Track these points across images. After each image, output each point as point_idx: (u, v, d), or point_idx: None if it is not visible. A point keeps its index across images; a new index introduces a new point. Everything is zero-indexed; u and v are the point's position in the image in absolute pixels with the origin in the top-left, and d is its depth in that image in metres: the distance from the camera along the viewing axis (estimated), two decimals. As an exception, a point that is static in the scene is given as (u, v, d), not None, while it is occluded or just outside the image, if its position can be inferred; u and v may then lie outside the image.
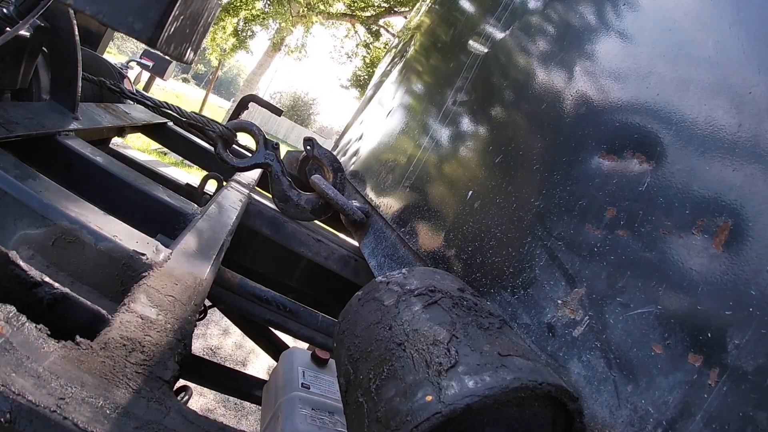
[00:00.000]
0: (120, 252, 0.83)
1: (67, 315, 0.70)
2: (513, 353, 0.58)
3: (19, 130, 1.15)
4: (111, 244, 0.84)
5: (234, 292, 1.31)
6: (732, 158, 0.63)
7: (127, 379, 0.62)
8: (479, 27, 1.56)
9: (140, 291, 0.79)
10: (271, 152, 1.60)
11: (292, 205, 1.63)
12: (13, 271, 0.67)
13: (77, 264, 0.81)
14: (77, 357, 0.61)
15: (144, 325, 0.73)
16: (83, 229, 0.84)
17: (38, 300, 0.69)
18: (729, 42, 0.71)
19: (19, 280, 0.68)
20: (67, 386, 0.55)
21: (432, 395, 0.52)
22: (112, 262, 0.83)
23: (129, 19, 0.35)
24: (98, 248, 0.82)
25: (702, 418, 0.54)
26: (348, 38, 18.27)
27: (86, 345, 0.63)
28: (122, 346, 0.66)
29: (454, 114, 1.44)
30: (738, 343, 0.54)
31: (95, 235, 0.84)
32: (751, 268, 0.56)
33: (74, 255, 0.81)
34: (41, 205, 0.84)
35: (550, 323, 0.76)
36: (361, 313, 0.73)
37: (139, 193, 1.29)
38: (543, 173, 0.94)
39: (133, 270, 0.84)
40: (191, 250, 1.03)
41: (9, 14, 1.11)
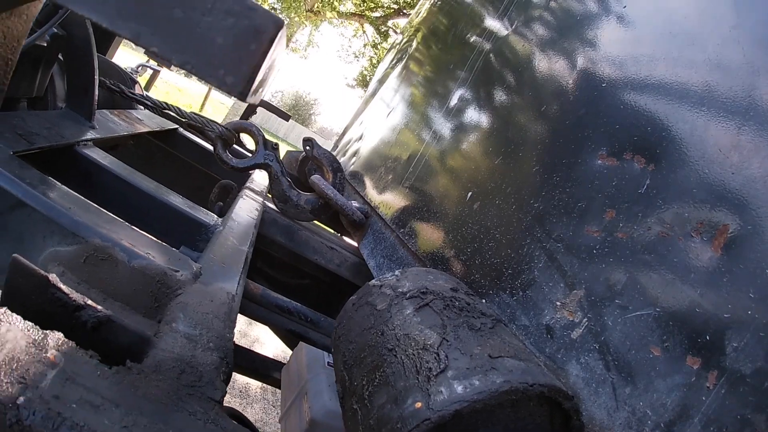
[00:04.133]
0: (154, 269, 0.83)
1: (110, 337, 0.69)
2: (504, 354, 0.58)
3: (39, 142, 1.14)
4: (145, 262, 0.84)
5: (257, 303, 1.31)
6: (731, 161, 0.63)
7: (182, 402, 0.62)
8: (479, 29, 1.55)
9: (179, 309, 0.79)
10: (271, 153, 1.60)
11: (292, 205, 1.63)
12: (55, 295, 0.66)
13: (109, 281, 0.80)
14: (132, 382, 0.60)
15: (188, 344, 0.73)
16: (117, 246, 0.84)
17: (82, 323, 0.68)
18: (729, 45, 0.71)
19: (61, 304, 0.67)
20: (128, 415, 0.55)
21: (421, 402, 0.52)
22: (146, 279, 0.83)
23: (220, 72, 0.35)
24: (132, 266, 0.82)
25: (700, 421, 0.54)
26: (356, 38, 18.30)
27: (138, 369, 0.63)
28: (172, 368, 0.66)
29: (454, 115, 1.44)
30: (736, 346, 0.54)
31: (129, 252, 0.84)
32: (750, 270, 0.56)
33: (106, 272, 0.81)
34: (72, 222, 0.83)
35: (549, 325, 0.76)
36: (355, 318, 0.73)
37: (161, 204, 1.28)
38: (542, 175, 0.94)
39: (167, 287, 0.84)
40: (219, 265, 1.03)
41: None
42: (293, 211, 1.64)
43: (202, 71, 0.36)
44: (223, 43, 0.34)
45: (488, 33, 1.46)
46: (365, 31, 17.74)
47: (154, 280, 0.83)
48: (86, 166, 1.28)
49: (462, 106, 1.42)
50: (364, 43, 18.07)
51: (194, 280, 0.88)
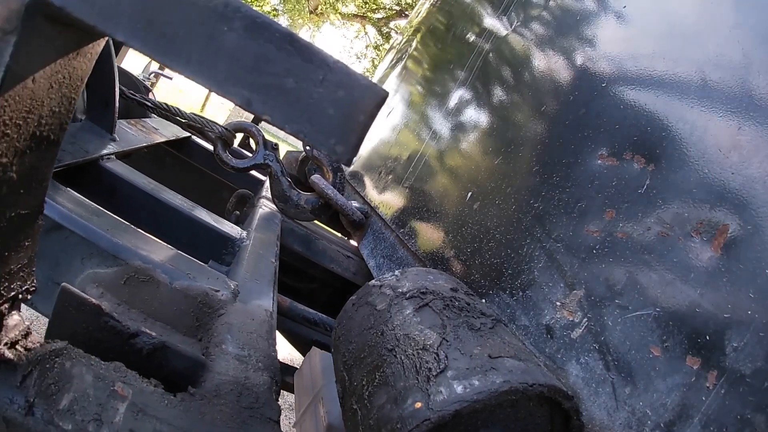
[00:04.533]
0: (196, 290, 0.84)
1: (164, 362, 0.70)
2: (504, 354, 0.58)
3: (65, 157, 1.14)
4: (187, 282, 0.85)
5: (285, 315, 1.32)
6: (731, 161, 0.63)
7: (246, 425, 0.63)
8: (479, 29, 1.55)
9: (225, 330, 0.80)
10: (271, 153, 1.60)
11: (292, 205, 1.63)
12: (108, 323, 0.67)
13: (150, 302, 0.80)
14: (197, 408, 0.61)
15: (240, 366, 0.74)
16: (158, 268, 0.84)
17: (137, 350, 0.69)
18: (729, 44, 0.71)
19: (115, 332, 0.67)
20: None
21: (421, 402, 0.52)
22: (188, 299, 0.83)
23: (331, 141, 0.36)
24: (173, 287, 0.83)
25: (700, 421, 0.54)
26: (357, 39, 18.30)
27: (200, 395, 0.64)
28: (230, 391, 0.67)
29: (454, 115, 1.44)
30: (736, 346, 0.54)
31: (170, 273, 0.85)
32: (750, 270, 0.56)
33: (147, 293, 0.81)
34: (111, 245, 0.84)
35: (549, 325, 0.76)
36: (355, 318, 0.73)
37: (187, 218, 1.29)
38: (542, 175, 0.94)
39: (209, 307, 0.85)
40: (252, 281, 1.04)
41: None
42: (293, 211, 1.64)
43: (315, 140, 0.37)
44: (334, 114, 0.36)
45: (488, 33, 1.46)
46: (367, 33, 17.74)
47: (196, 301, 0.84)
48: (111, 180, 1.28)
49: (462, 106, 1.42)
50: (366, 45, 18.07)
51: (234, 299, 0.89)
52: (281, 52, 0.35)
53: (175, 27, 0.35)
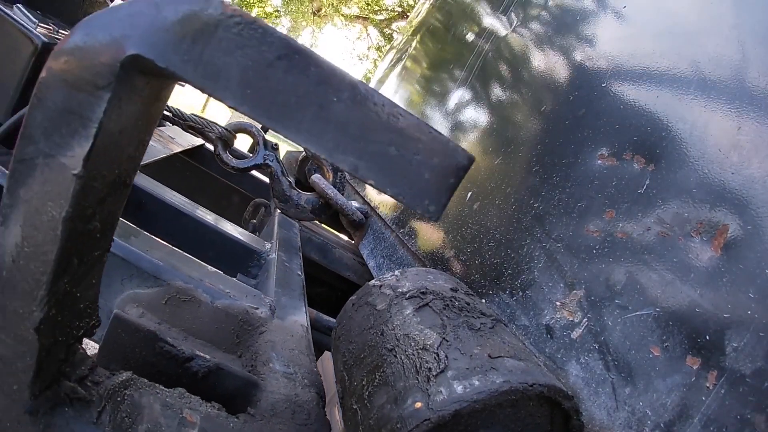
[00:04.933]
0: (236, 308, 0.85)
1: (218, 383, 0.71)
2: (504, 354, 0.58)
3: None
4: (227, 301, 0.86)
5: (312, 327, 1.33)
6: (731, 161, 0.63)
7: None
8: (479, 29, 1.55)
9: (269, 348, 0.81)
10: (271, 153, 1.60)
11: (292, 205, 1.63)
12: (163, 348, 0.68)
13: (191, 320, 0.81)
14: (259, 428, 0.62)
15: (289, 383, 0.75)
16: (199, 287, 0.85)
17: (192, 373, 0.70)
18: (729, 44, 0.70)
19: (170, 356, 0.69)
20: None
21: (421, 402, 0.52)
22: (229, 318, 0.84)
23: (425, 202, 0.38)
24: (215, 305, 0.84)
25: (700, 421, 0.54)
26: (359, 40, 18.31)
27: (259, 415, 0.65)
28: (285, 410, 0.68)
29: (454, 114, 1.44)
30: (736, 346, 0.54)
31: (211, 293, 0.86)
32: (750, 270, 0.56)
33: (188, 312, 0.82)
34: (152, 266, 0.84)
35: (549, 325, 0.76)
36: (355, 318, 0.73)
37: (213, 232, 1.29)
38: (542, 175, 0.94)
39: (249, 324, 0.86)
40: (284, 296, 1.05)
41: None
42: (294, 211, 1.64)
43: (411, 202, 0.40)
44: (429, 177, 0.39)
45: (488, 33, 1.46)
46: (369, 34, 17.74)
47: (237, 319, 0.85)
48: (138, 195, 1.28)
49: (461, 106, 1.42)
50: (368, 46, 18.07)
51: (272, 315, 0.90)
52: (385, 122, 0.37)
53: (286, 95, 0.36)
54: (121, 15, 0.37)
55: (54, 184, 0.40)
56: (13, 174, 0.40)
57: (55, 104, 0.38)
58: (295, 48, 0.36)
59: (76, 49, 0.37)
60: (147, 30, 0.36)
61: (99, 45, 0.37)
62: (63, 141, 0.39)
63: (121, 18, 0.37)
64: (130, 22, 0.37)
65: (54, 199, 0.40)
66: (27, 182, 0.40)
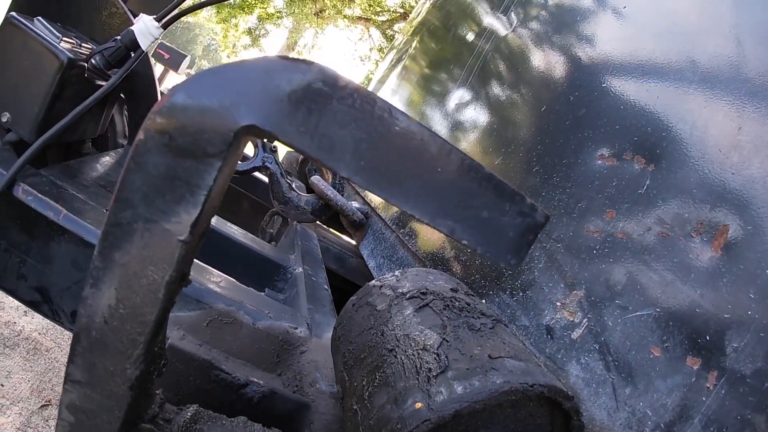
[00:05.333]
0: (277, 329, 0.86)
1: (273, 407, 0.73)
2: (504, 355, 0.58)
3: None
4: (268, 322, 0.86)
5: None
6: (731, 161, 0.63)
7: None
8: (479, 29, 1.55)
9: (313, 368, 0.82)
10: (270, 155, 1.61)
11: (292, 206, 1.63)
12: (219, 376, 0.69)
13: (232, 342, 0.82)
14: None
15: (336, 404, 0.76)
16: (241, 310, 0.86)
17: (247, 399, 0.71)
18: (730, 44, 0.70)
19: (225, 384, 0.69)
20: None
21: (421, 402, 0.52)
22: (270, 338, 0.85)
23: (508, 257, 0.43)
24: (256, 327, 0.84)
25: (700, 421, 0.54)
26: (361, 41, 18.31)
27: None
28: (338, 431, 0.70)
29: (454, 115, 1.44)
30: (736, 346, 0.54)
31: (252, 314, 0.86)
32: (750, 270, 0.56)
33: (230, 334, 0.83)
34: (194, 290, 0.84)
35: (549, 325, 0.76)
36: (355, 318, 0.73)
37: (241, 247, 1.30)
38: (542, 175, 0.94)
39: (289, 344, 0.86)
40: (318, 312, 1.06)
41: (97, 65, 1.09)
42: (294, 213, 1.64)
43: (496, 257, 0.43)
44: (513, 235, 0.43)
45: (488, 33, 1.46)
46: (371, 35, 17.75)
47: (278, 339, 0.85)
48: None
49: (462, 106, 1.42)
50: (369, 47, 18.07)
51: (311, 334, 0.91)
52: (481, 189, 0.41)
53: (396, 166, 0.38)
54: (227, 80, 0.35)
55: (156, 249, 0.38)
56: (107, 237, 0.38)
57: (158, 170, 0.36)
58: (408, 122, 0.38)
59: (180, 113, 0.35)
60: (260, 99, 0.35)
61: (207, 111, 0.35)
62: (167, 207, 0.37)
63: (228, 83, 0.35)
64: (240, 89, 0.35)
65: (156, 264, 0.39)
66: (123, 246, 0.38)
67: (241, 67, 0.35)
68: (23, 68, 1.03)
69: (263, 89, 0.35)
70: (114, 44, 1.08)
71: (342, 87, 0.35)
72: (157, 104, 0.35)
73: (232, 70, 0.35)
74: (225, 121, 0.35)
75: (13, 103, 1.04)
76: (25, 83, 1.04)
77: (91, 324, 0.41)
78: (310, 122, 0.36)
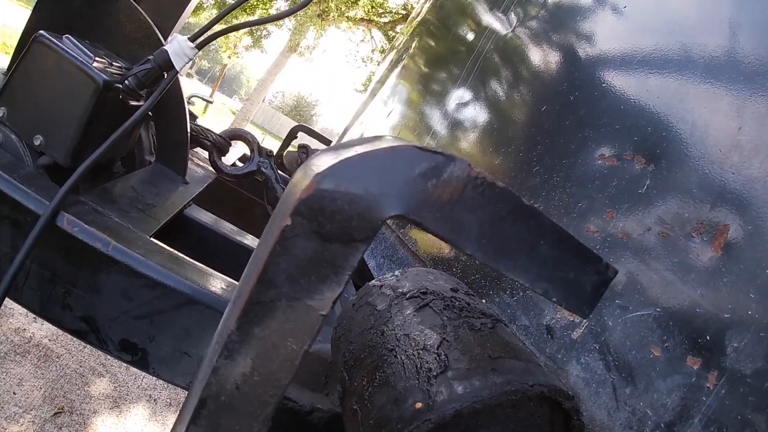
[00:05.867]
0: (326, 351, 0.86)
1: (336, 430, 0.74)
2: (505, 355, 0.58)
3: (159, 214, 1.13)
4: (318, 345, 0.87)
5: None
6: (732, 161, 0.63)
7: None
8: (479, 29, 1.55)
9: None
10: (266, 160, 1.61)
11: None
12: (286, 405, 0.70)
13: None
14: None
15: None
16: None
17: (313, 425, 0.72)
18: (730, 44, 0.70)
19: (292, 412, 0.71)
20: None
21: (422, 402, 0.52)
22: (320, 360, 0.86)
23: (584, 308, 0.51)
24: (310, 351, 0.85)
25: (700, 421, 0.54)
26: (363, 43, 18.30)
27: None
28: None
29: (454, 114, 1.44)
30: (737, 346, 0.54)
31: None
32: (750, 270, 0.56)
33: None
34: None
35: (549, 325, 0.76)
36: (356, 318, 0.73)
37: None
38: (542, 175, 0.94)
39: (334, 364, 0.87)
40: None
41: (130, 85, 1.07)
42: None
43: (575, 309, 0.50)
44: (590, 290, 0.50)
45: (488, 32, 1.46)
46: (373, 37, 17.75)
47: (326, 361, 0.86)
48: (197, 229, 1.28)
49: (461, 106, 1.42)
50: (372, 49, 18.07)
51: None
52: (570, 255, 0.48)
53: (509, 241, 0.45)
54: (371, 169, 0.38)
55: (297, 323, 0.40)
56: (247, 315, 0.39)
57: (305, 253, 0.38)
58: (521, 204, 0.44)
59: (329, 201, 0.37)
60: (405, 190, 0.38)
61: (355, 199, 0.37)
62: (311, 287, 0.39)
63: (373, 173, 0.38)
64: (385, 178, 0.38)
65: (296, 335, 0.41)
66: (264, 322, 0.40)
67: (383, 156, 0.38)
68: (56, 90, 1.00)
69: (406, 180, 0.39)
70: (148, 65, 1.06)
71: (473, 176, 0.40)
72: (304, 190, 0.36)
73: (374, 159, 0.38)
74: (373, 209, 0.38)
75: (45, 125, 1.01)
76: (59, 106, 1.01)
77: (221, 391, 0.42)
78: (445, 209, 0.40)
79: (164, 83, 1.06)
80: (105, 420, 2.79)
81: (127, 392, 3.08)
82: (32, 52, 0.99)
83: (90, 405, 2.81)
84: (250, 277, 0.40)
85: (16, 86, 1.01)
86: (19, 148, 1.02)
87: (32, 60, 1.00)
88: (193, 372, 0.82)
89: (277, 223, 0.38)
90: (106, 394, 2.97)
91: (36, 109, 1.01)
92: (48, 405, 2.67)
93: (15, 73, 1.01)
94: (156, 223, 1.07)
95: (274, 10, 15.98)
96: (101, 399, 2.91)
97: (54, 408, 2.68)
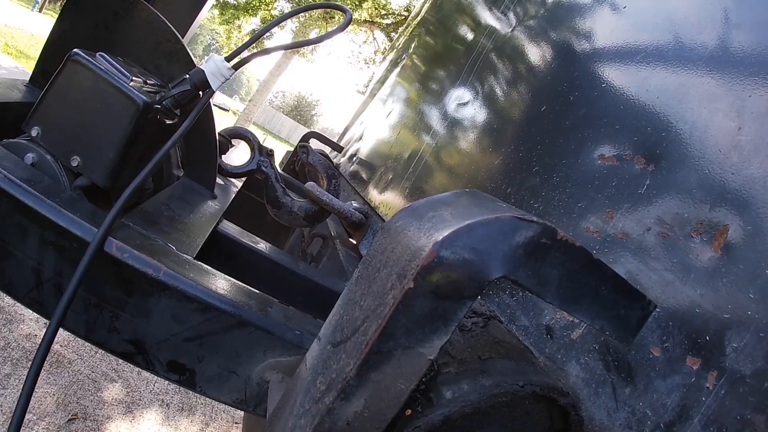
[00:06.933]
0: None
1: None
2: (495, 355, 0.58)
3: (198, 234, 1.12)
4: None
5: None
6: (731, 161, 0.63)
7: None
8: (479, 28, 1.55)
9: None
10: (265, 159, 1.60)
11: (286, 211, 1.62)
12: None
13: None
14: None
15: None
16: None
17: None
18: (731, 44, 0.70)
19: None
20: None
21: (410, 408, 0.52)
22: None
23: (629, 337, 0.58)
24: None
25: (700, 421, 0.54)
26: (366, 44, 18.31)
27: None
28: None
29: (454, 114, 1.44)
30: (736, 346, 0.54)
31: None
32: (750, 271, 0.56)
33: None
34: (295, 336, 0.84)
35: (549, 325, 0.76)
36: None
37: (302, 278, 1.28)
38: (542, 175, 0.94)
39: None
40: None
41: (167, 105, 1.06)
42: (287, 218, 1.63)
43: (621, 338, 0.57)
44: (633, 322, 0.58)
45: (488, 32, 1.46)
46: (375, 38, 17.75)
47: None
48: (230, 246, 1.27)
49: (461, 106, 1.42)
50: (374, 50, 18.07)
51: None
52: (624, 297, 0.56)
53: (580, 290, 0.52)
54: (480, 238, 0.45)
55: (408, 368, 0.47)
56: (367, 362, 0.45)
57: (423, 311, 0.45)
58: (590, 258, 0.51)
59: (446, 267, 0.43)
60: (507, 254, 0.45)
61: (467, 264, 0.44)
62: (424, 337, 0.46)
63: (480, 241, 0.44)
64: (492, 246, 0.45)
65: (405, 377, 0.47)
66: (380, 368, 0.46)
67: (489, 226, 0.45)
68: (93, 110, 0.98)
69: (508, 245, 0.46)
70: (186, 85, 1.06)
71: (559, 240, 0.48)
72: (426, 257, 0.43)
73: (482, 228, 0.45)
74: (481, 272, 0.45)
75: (83, 146, 0.99)
76: (97, 126, 0.99)
77: (333, 428, 0.47)
78: (535, 267, 0.48)
79: (201, 103, 1.06)
80: (119, 425, 2.79)
81: (140, 397, 3.07)
82: (67, 71, 0.97)
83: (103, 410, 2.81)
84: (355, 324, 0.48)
85: (50, 106, 0.99)
86: (54, 168, 1.00)
87: (67, 79, 0.98)
88: (240, 389, 0.83)
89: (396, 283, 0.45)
90: (119, 399, 2.97)
91: (72, 130, 0.99)
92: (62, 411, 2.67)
93: (49, 92, 0.99)
94: (196, 243, 1.06)
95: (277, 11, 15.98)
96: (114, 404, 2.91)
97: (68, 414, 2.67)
